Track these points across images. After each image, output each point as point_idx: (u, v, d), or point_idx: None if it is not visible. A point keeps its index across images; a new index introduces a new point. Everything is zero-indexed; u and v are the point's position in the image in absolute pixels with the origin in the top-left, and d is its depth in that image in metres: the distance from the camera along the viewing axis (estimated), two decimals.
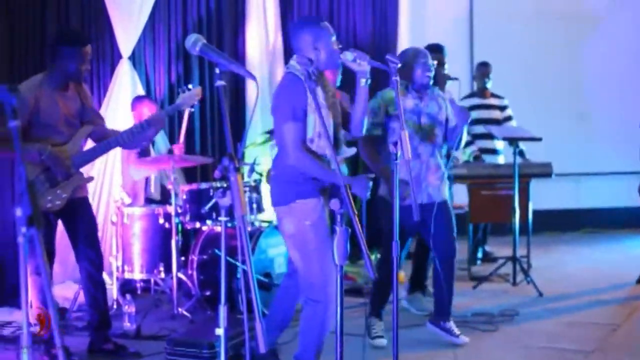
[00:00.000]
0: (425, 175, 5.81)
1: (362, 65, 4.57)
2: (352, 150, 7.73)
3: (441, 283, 5.92)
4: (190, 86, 5.89)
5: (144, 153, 7.37)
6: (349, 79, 4.74)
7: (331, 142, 4.56)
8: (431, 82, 5.91)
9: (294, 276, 5.02)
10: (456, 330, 5.96)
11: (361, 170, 9.14)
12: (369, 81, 4.67)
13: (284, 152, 4.63)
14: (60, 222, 5.63)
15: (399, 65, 4.43)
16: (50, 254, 5.63)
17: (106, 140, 5.56)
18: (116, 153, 7.53)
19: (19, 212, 2.28)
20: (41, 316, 5.44)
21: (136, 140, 5.62)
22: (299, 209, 4.62)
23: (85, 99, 5.70)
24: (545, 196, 10.05)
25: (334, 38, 4.70)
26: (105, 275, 5.91)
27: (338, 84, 6.84)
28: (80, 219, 5.63)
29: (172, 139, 8.53)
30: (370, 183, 4.50)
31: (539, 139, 8.03)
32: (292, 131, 4.52)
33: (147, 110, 7.58)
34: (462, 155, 9.09)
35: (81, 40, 5.60)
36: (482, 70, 9.15)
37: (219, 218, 3.10)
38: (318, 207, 4.65)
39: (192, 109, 6.21)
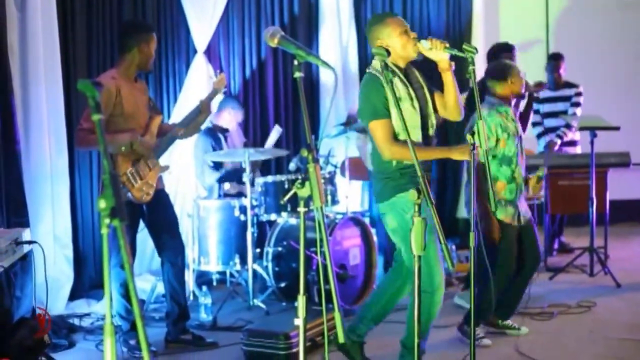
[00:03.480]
0: (521, 198, 5.77)
1: (438, 53, 4.48)
2: None
3: (523, 288, 5.95)
4: (218, 71, 6.17)
5: (215, 148, 7.44)
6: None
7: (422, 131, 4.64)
8: None
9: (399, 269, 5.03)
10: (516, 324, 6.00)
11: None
12: (453, 66, 4.56)
13: (378, 149, 4.64)
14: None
15: (477, 54, 4.35)
16: (133, 247, 5.74)
17: (170, 134, 5.71)
18: (191, 147, 7.61)
19: (102, 204, 2.28)
20: (41, 317, 5.50)
21: (188, 130, 5.80)
22: (399, 203, 4.60)
23: (147, 92, 5.87)
24: (623, 186, 9.88)
25: (403, 30, 4.63)
26: None
27: None
28: (162, 210, 5.74)
29: (247, 133, 8.60)
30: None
31: (617, 128, 7.90)
32: (379, 128, 4.54)
33: (228, 115, 7.66)
34: (537, 146, 9.01)
35: (146, 27, 5.77)
36: (553, 64, 9.02)
37: (298, 209, 3.10)
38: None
39: (223, 94, 6.34)
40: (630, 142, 9.10)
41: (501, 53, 7.18)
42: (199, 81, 7.98)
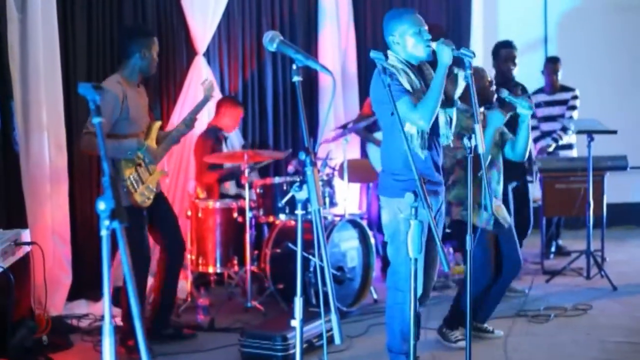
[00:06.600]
0: (499, 204, 5.71)
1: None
2: None
3: (500, 295, 5.94)
4: (206, 80, 6.25)
5: (215, 149, 7.45)
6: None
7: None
8: None
9: None
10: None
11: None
12: (455, 70, 4.58)
13: (392, 137, 4.64)
14: None
15: (474, 57, 4.36)
16: (148, 248, 5.76)
17: (167, 140, 5.84)
18: (190, 148, 7.63)
19: (102, 205, 2.29)
20: (41, 317, 5.52)
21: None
22: (396, 201, 4.61)
23: (146, 96, 5.92)
24: (620, 189, 9.91)
25: (417, 30, 4.63)
26: None
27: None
28: (162, 212, 5.84)
29: (246, 135, 8.62)
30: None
31: (614, 132, 7.92)
32: (405, 104, 4.46)
33: (226, 114, 7.65)
34: (533, 150, 9.02)
35: (146, 32, 5.81)
36: (551, 67, 9.04)
37: (295, 211, 3.12)
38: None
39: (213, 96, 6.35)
40: (627, 145, 9.10)
41: (499, 49, 7.50)
42: (198, 83, 7.96)
